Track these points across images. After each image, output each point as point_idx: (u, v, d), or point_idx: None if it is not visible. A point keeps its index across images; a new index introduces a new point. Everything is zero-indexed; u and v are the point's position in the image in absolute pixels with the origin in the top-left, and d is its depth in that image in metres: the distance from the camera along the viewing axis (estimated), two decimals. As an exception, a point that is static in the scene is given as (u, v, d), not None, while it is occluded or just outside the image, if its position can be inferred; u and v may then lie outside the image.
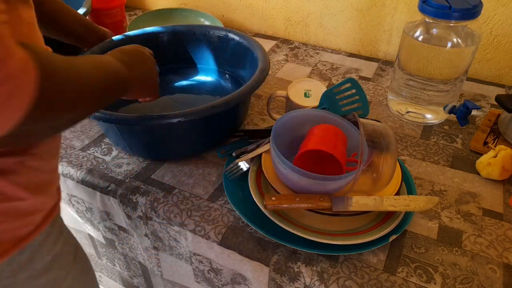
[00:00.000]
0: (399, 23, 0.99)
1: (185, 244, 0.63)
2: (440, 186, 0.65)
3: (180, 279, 0.72)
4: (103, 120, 0.61)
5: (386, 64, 1.01)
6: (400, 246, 0.56)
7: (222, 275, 0.64)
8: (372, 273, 0.52)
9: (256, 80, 0.66)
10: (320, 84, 0.74)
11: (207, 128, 0.68)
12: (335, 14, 1.06)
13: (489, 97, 0.88)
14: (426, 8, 0.69)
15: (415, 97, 0.77)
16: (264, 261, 0.55)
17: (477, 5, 0.67)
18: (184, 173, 0.68)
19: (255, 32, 1.20)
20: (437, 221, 0.59)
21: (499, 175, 0.64)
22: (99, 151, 0.73)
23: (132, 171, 0.69)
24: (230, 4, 1.20)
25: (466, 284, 0.51)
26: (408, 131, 0.77)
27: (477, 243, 0.56)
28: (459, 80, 0.74)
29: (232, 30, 0.83)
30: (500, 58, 0.93)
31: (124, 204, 0.65)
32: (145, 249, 0.72)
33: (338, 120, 0.60)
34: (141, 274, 0.81)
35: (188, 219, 0.60)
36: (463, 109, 0.70)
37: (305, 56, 1.04)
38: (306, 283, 0.53)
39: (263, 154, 0.62)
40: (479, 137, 0.73)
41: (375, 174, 0.54)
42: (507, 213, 0.60)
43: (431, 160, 0.70)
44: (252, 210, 0.57)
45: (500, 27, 0.90)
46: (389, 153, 0.54)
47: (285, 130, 0.59)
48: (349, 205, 0.53)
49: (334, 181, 0.52)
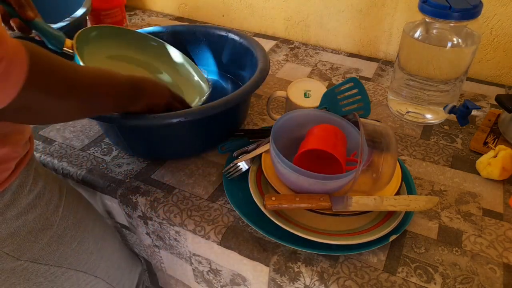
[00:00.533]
0: (399, 23, 0.99)
1: (185, 244, 0.63)
2: (440, 186, 0.65)
3: (181, 276, 0.72)
4: (102, 120, 0.61)
5: (386, 64, 1.01)
6: (400, 246, 0.56)
7: (221, 276, 0.64)
8: (372, 273, 0.52)
9: (256, 80, 0.66)
10: (320, 84, 0.74)
11: (207, 128, 0.68)
12: (335, 14, 1.06)
13: (489, 97, 0.88)
14: (426, 8, 0.69)
15: (415, 97, 0.77)
16: (264, 261, 0.55)
17: (477, 5, 0.67)
18: (184, 173, 0.68)
19: (255, 32, 1.20)
20: (437, 221, 0.59)
21: (499, 175, 0.64)
22: (99, 151, 0.73)
23: (132, 171, 0.69)
24: (230, 4, 1.20)
25: (466, 284, 0.51)
26: (408, 131, 0.77)
27: (477, 243, 0.56)
28: (459, 80, 0.74)
29: (232, 30, 0.83)
30: (500, 58, 0.93)
31: (124, 204, 0.65)
32: (147, 246, 0.72)
33: (338, 120, 0.60)
34: (145, 269, 0.81)
35: (188, 219, 0.60)
36: (463, 109, 0.70)
37: (305, 56, 1.04)
38: (306, 283, 0.53)
39: (263, 154, 0.62)
40: (479, 137, 0.73)
41: (375, 174, 0.54)
42: (507, 213, 0.60)
43: (431, 160, 0.70)
44: (252, 210, 0.57)
45: (500, 27, 0.90)
46: (389, 153, 0.54)
47: (285, 130, 0.60)
48: (349, 205, 0.53)
49: (334, 180, 0.52)
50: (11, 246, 0.50)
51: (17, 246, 0.50)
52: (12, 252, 0.50)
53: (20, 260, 0.51)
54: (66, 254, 0.57)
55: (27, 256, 0.52)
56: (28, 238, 0.51)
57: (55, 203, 0.55)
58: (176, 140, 0.68)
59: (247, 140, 0.69)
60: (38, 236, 0.52)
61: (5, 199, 0.48)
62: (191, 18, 1.30)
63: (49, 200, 0.54)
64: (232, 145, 0.69)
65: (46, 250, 0.54)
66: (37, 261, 0.53)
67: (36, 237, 0.52)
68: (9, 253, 0.50)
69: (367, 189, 0.56)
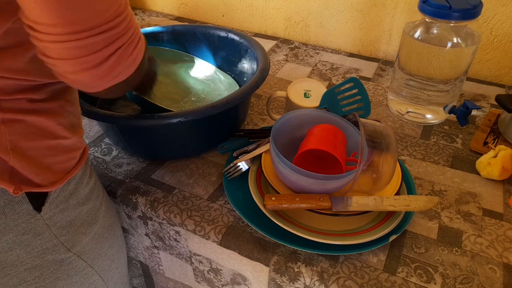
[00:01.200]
0: (399, 23, 0.99)
1: (185, 244, 0.63)
2: (440, 186, 0.65)
3: (181, 277, 0.72)
4: (103, 120, 0.61)
5: (386, 64, 1.01)
6: (400, 246, 0.56)
7: (222, 275, 0.64)
8: (372, 273, 0.52)
9: (256, 80, 0.66)
10: (320, 84, 0.74)
11: (207, 128, 0.68)
12: (335, 14, 1.06)
13: (489, 97, 0.88)
14: (426, 8, 0.69)
15: (415, 97, 0.77)
16: (264, 261, 0.55)
17: (477, 5, 0.67)
18: (184, 173, 0.68)
19: (255, 32, 1.20)
20: (437, 221, 0.59)
21: (499, 175, 0.64)
22: (99, 151, 0.73)
23: (132, 171, 0.69)
24: (230, 4, 1.20)
25: (466, 284, 0.51)
26: (408, 131, 0.77)
27: (477, 243, 0.56)
28: (459, 80, 0.74)
29: (232, 30, 0.83)
30: (500, 58, 0.93)
31: (124, 204, 0.65)
32: (146, 248, 0.72)
33: (338, 120, 0.60)
34: (141, 274, 0.81)
35: (188, 219, 0.60)
36: (463, 109, 0.70)
37: (305, 56, 1.04)
38: (306, 283, 0.53)
39: (263, 154, 0.62)
40: (479, 137, 0.73)
41: (375, 174, 0.54)
42: (507, 213, 0.60)
43: (431, 160, 0.70)
44: (252, 210, 0.57)
45: (500, 27, 0.90)
46: (389, 153, 0.54)
47: (285, 130, 0.60)
48: (349, 205, 0.53)
49: (334, 180, 0.52)
50: (67, 235, 0.51)
51: (71, 237, 0.51)
52: (67, 242, 0.51)
53: (70, 252, 0.52)
54: (99, 255, 0.57)
55: (77, 249, 0.53)
56: (80, 230, 0.53)
57: (100, 200, 0.57)
58: (176, 140, 0.68)
59: (247, 140, 0.69)
60: (87, 229, 0.54)
61: (70, 187, 0.50)
62: (191, 18, 1.30)
63: (98, 196, 0.56)
64: (232, 145, 0.69)
65: (89, 246, 0.55)
66: (81, 256, 0.54)
67: (86, 230, 0.54)
68: (64, 243, 0.51)
69: (367, 189, 0.56)
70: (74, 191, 0.51)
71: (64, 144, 0.48)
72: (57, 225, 0.49)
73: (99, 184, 0.58)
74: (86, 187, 0.53)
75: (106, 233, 0.58)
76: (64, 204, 0.50)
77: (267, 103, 0.75)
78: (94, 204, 0.55)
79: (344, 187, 0.54)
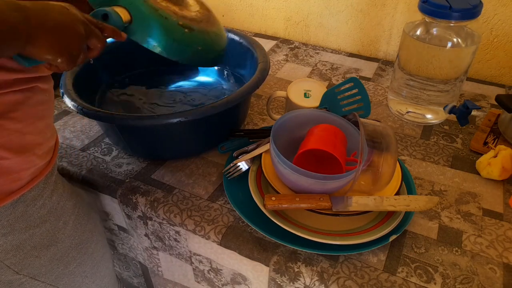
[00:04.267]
0: (399, 23, 0.99)
1: (185, 244, 0.63)
2: (440, 186, 0.65)
3: (180, 279, 0.72)
4: (103, 120, 0.61)
5: (386, 64, 1.01)
6: (400, 246, 0.56)
7: (222, 275, 0.64)
8: (372, 273, 0.52)
9: (256, 80, 0.66)
10: (320, 84, 0.74)
11: (207, 128, 0.68)
12: (335, 14, 1.06)
13: (489, 97, 0.88)
14: (426, 8, 0.69)
15: (415, 97, 0.77)
16: (264, 261, 0.55)
17: (477, 5, 0.67)
18: (184, 173, 0.68)
19: (255, 32, 1.20)
20: (437, 221, 0.59)
21: (499, 175, 0.64)
22: (99, 151, 0.73)
23: (132, 171, 0.69)
24: (230, 4, 1.20)
25: (466, 284, 0.51)
26: (408, 131, 0.77)
27: (477, 243, 0.56)
28: (459, 80, 0.74)
29: (232, 30, 0.83)
30: (500, 58, 0.93)
31: (124, 204, 0.65)
32: (145, 249, 0.72)
33: (338, 120, 0.60)
34: (141, 274, 0.81)
35: (188, 219, 0.60)
36: (463, 109, 0.70)
37: (305, 56, 1.04)
38: (306, 283, 0.53)
39: (263, 154, 0.62)
40: (479, 137, 0.73)
41: (375, 174, 0.54)
42: (507, 213, 0.60)
43: (431, 160, 0.70)
44: (252, 210, 0.57)
45: (500, 27, 0.90)
46: (389, 153, 0.54)
47: (285, 130, 0.60)
48: (349, 205, 0.53)
49: (334, 180, 0.52)
50: (13, 259, 0.48)
51: (19, 260, 0.49)
52: (13, 265, 0.49)
53: (19, 274, 0.50)
54: (63, 275, 0.55)
55: (27, 271, 0.50)
56: (31, 253, 0.50)
57: (64, 220, 0.54)
58: (176, 140, 0.68)
59: (247, 140, 0.69)
60: (41, 252, 0.51)
61: (17, 211, 0.47)
62: (191, 18, 1.30)
63: (60, 216, 0.53)
64: (232, 145, 0.69)
65: (46, 267, 0.52)
66: (36, 277, 0.52)
67: (40, 252, 0.51)
68: (10, 266, 0.49)
69: (367, 189, 0.56)
70: (22, 214, 0.47)
71: (3, 165, 0.44)
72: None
73: (65, 203, 0.54)
74: (42, 208, 0.50)
75: (72, 253, 0.55)
76: (8, 228, 0.46)
77: (267, 103, 0.75)
78: (54, 225, 0.52)
79: (344, 187, 0.54)
